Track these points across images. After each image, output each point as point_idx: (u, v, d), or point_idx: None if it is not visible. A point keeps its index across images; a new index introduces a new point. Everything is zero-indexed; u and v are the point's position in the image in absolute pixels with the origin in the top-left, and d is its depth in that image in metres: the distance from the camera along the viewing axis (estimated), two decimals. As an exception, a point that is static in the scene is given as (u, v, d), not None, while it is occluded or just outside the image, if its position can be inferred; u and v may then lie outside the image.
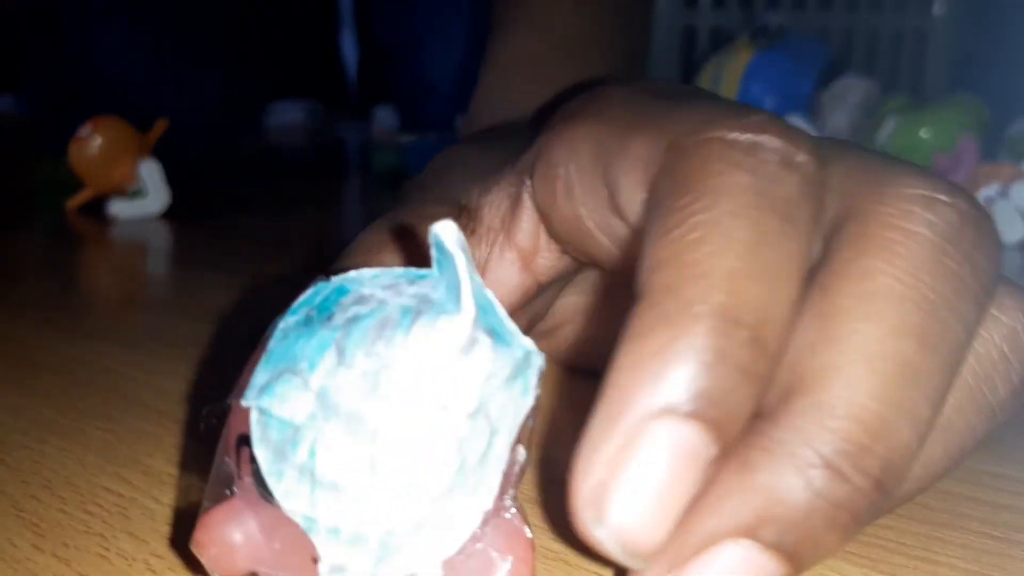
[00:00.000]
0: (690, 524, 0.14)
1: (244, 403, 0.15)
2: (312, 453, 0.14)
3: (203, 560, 0.15)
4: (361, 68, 1.40)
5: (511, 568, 0.15)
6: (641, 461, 0.13)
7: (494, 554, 0.15)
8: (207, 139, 0.94)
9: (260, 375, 0.15)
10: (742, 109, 0.17)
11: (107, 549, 0.20)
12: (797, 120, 0.84)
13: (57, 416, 0.28)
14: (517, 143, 0.24)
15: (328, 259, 0.24)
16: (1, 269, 0.53)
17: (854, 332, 0.14)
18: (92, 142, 0.68)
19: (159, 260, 0.58)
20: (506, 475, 0.15)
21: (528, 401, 0.15)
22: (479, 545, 0.15)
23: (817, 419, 0.14)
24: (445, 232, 0.14)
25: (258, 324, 0.18)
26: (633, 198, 0.17)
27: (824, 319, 0.15)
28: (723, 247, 0.14)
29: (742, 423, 0.14)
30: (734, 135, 0.15)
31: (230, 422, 0.16)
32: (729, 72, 0.89)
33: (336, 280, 0.16)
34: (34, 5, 0.86)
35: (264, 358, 0.15)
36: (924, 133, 0.67)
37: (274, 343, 0.15)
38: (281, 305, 0.17)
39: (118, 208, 0.69)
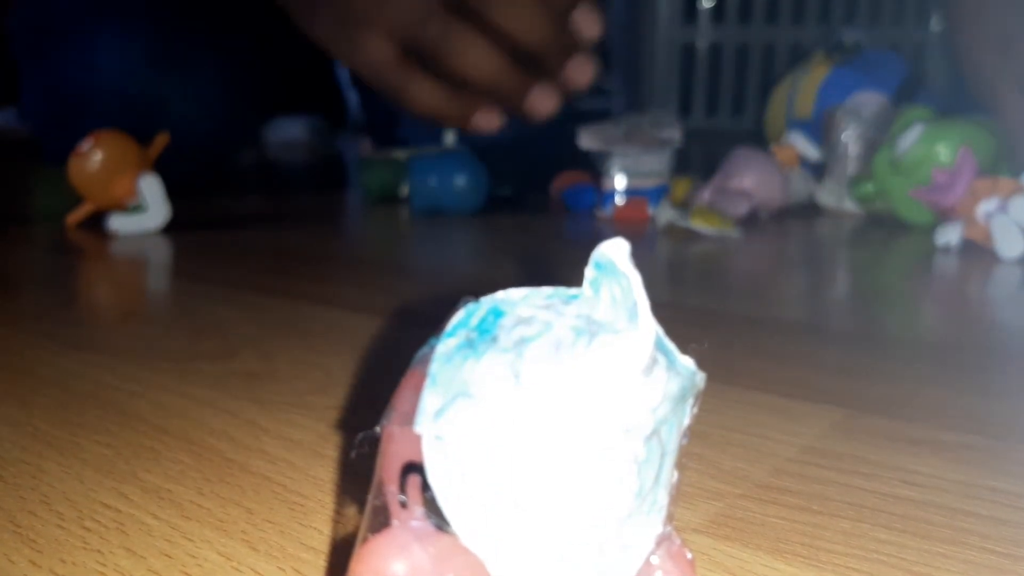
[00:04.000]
0: None
1: (416, 429, 0.14)
2: (494, 480, 0.14)
3: None
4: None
5: None
6: None
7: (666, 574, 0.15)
8: (208, 154, 0.94)
9: (430, 400, 0.14)
10: None
11: (104, 565, 0.20)
12: (799, 138, 0.84)
13: (55, 431, 0.28)
14: None
15: (327, 272, 0.24)
16: (0, 283, 0.53)
17: None
18: (92, 157, 0.68)
19: (158, 274, 0.58)
20: (672, 497, 0.15)
21: (687, 421, 0.15)
22: (652, 569, 0.15)
23: None
24: (617, 251, 0.14)
25: (259, 337, 0.17)
26: None
27: None
28: None
29: None
30: None
31: (389, 449, 0.15)
32: (804, 87, 0.89)
33: (486, 301, 0.15)
34: (32, 19, 0.86)
35: (429, 382, 0.14)
36: (943, 147, 0.67)
37: (437, 367, 0.14)
38: (278, 318, 0.17)
39: (118, 224, 0.69)
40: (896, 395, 0.32)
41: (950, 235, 0.62)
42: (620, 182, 0.79)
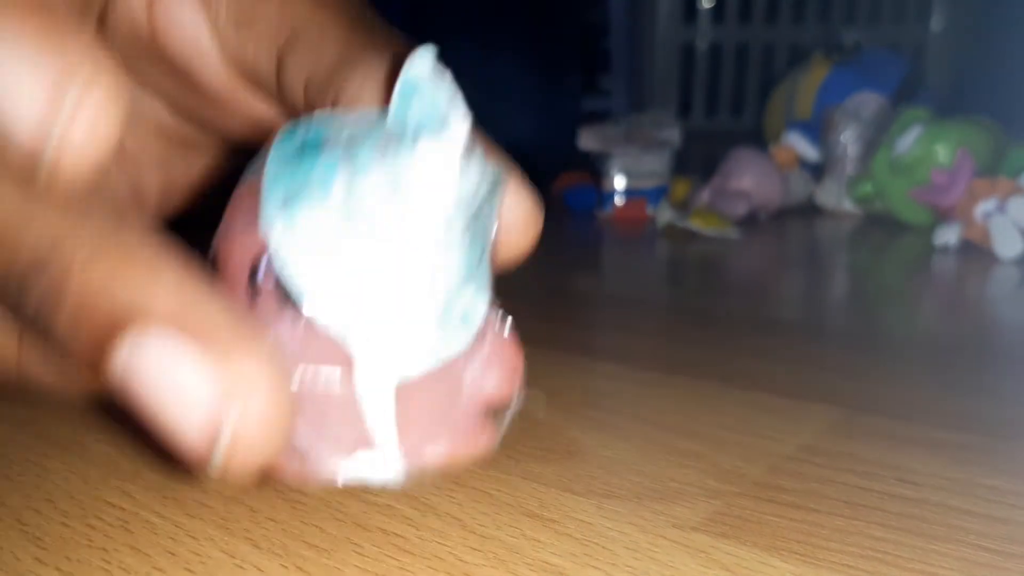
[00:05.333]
0: None
1: (265, 220, 0.15)
2: (345, 258, 0.14)
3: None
4: None
5: (511, 368, 0.16)
6: None
7: (495, 353, 0.16)
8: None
9: (273, 197, 0.15)
10: None
11: (109, 563, 0.21)
12: (798, 138, 0.84)
13: (60, 429, 0.29)
14: None
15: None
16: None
17: None
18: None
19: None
20: (491, 283, 0.16)
21: (495, 220, 0.16)
22: (484, 345, 0.16)
23: None
24: (422, 65, 0.15)
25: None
26: None
27: None
28: None
29: None
30: None
31: (231, 260, 0.15)
32: (804, 87, 0.89)
33: (306, 122, 0.16)
34: None
35: (266, 186, 0.15)
36: (941, 148, 0.67)
37: (274, 168, 0.15)
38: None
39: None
40: (894, 394, 0.32)
41: (948, 235, 0.63)
42: (620, 182, 0.79)
